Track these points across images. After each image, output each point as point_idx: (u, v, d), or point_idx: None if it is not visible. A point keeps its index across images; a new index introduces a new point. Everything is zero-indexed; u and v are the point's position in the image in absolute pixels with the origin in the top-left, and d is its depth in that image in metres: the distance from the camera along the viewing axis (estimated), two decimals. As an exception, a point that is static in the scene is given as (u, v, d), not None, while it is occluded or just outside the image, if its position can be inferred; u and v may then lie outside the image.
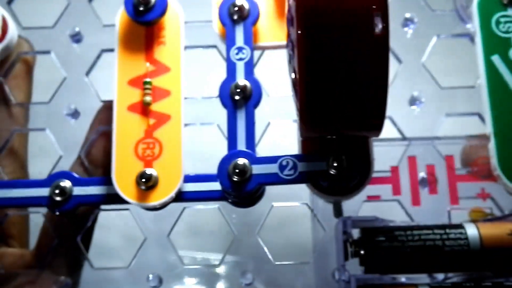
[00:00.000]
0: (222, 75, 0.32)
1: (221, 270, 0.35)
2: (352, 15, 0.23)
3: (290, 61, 0.30)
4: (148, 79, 0.32)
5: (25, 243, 0.37)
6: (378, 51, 0.24)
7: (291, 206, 0.35)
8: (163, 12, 0.33)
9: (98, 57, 0.37)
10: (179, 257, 0.34)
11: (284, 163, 0.30)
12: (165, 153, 0.31)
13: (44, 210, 0.35)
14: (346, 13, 0.23)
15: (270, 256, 0.34)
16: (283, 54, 0.33)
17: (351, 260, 0.30)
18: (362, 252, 0.29)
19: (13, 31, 0.36)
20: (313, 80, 0.24)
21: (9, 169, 0.35)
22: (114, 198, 0.31)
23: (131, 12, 0.32)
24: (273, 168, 0.30)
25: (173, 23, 0.33)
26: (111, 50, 0.33)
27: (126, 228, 0.42)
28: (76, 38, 0.38)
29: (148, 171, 0.30)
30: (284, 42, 0.33)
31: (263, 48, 0.34)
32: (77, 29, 0.38)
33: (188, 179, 0.31)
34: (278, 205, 0.35)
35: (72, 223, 0.34)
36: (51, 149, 0.36)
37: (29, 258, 0.34)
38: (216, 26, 0.34)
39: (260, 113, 0.32)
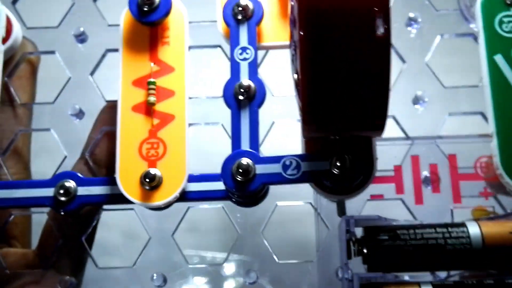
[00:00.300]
0: (227, 75, 0.32)
1: (225, 269, 0.35)
2: (354, 17, 0.24)
3: (292, 61, 0.30)
4: (152, 79, 0.32)
5: (27, 243, 0.37)
6: (380, 52, 0.24)
7: (295, 205, 0.35)
8: (167, 13, 0.33)
9: (103, 57, 0.37)
10: (183, 256, 0.34)
11: (287, 162, 0.30)
12: (169, 153, 0.31)
13: (47, 210, 0.35)
14: (348, 15, 0.24)
15: (274, 255, 0.34)
16: (288, 54, 0.33)
17: (354, 259, 0.30)
18: (365, 250, 0.29)
19: (17, 31, 0.36)
20: (315, 80, 0.24)
21: (13, 170, 0.36)
22: (118, 198, 0.31)
23: (135, 13, 0.33)
24: (276, 168, 0.30)
25: (177, 23, 0.33)
26: (116, 50, 0.34)
27: (127, 227, 0.42)
28: (81, 38, 0.38)
29: (152, 171, 0.31)
30: (288, 42, 0.33)
31: (267, 48, 0.34)
32: (81, 29, 0.38)
33: (192, 178, 0.31)
34: (282, 204, 0.35)
35: (77, 223, 0.34)
36: (55, 149, 0.36)
37: (32, 258, 0.34)
38: (221, 26, 0.34)
39: (265, 113, 0.32)
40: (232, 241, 0.35)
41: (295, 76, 0.28)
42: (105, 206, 0.35)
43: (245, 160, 0.30)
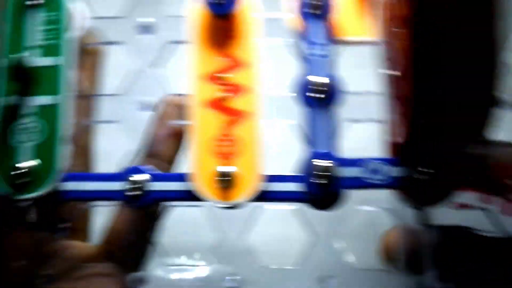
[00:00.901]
0: (301, 71, 0.31)
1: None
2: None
3: (388, 58, 0.29)
4: (225, 75, 0.31)
5: (87, 237, 0.36)
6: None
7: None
8: (239, 5, 0.32)
9: (169, 49, 0.36)
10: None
11: (371, 166, 0.29)
12: (244, 150, 0.30)
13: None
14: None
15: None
16: (367, 49, 0.32)
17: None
18: (446, 262, 0.28)
19: (86, 22, 0.35)
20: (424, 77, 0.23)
21: (78, 162, 0.35)
22: (192, 195, 0.30)
23: (208, 5, 0.31)
24: (358, 171, 0.29)
25: (250, 17, 0.32)
26: (184, 42, 0.32)
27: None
28: (146, 29, 0.37)
29: (228, 169, 0.30)
30: (364, 37, 0.32)
31: (343, 44, 0.33)
32: (147, 20, 0.37)
33: (268, 178, 0.30)
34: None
35: (148, 219, 0.33)
36: (120, 142, 0.35)
37: (97, 252, 0.33)
38: (294, 21, 0.33)
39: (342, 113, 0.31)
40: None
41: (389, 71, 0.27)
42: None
43: (325, 162, 0.29)
